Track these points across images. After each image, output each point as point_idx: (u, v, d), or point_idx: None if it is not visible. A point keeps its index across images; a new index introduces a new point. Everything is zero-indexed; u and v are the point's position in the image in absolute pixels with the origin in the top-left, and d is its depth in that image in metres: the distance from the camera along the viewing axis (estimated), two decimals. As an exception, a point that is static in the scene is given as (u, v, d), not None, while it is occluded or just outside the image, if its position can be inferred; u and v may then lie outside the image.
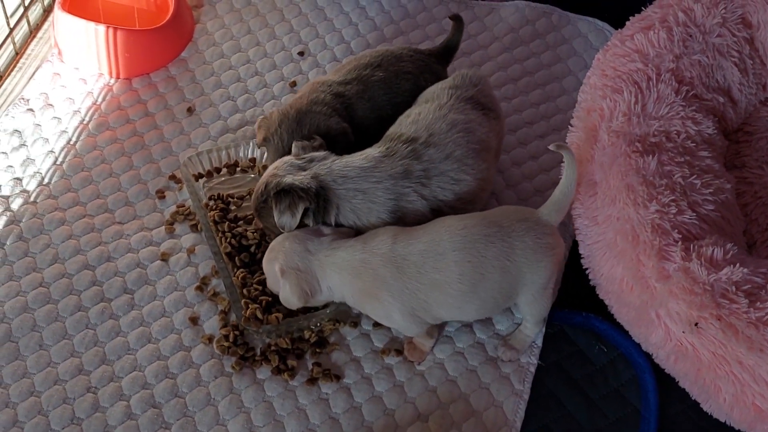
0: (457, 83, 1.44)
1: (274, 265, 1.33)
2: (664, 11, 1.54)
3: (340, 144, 1.43)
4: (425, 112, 1.40)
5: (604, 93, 1.45)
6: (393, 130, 1.41)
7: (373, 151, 1.38)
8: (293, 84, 1.74)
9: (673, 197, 1.32)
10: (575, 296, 1.46)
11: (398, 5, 1.88)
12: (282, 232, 1.36)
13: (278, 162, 1.38)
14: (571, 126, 1.49)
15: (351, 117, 1.48)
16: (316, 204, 1.34)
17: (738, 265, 1.25)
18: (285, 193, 1.33)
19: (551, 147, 1.31)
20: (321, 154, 1.38)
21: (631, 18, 1.57)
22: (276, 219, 1.34)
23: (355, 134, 1.47)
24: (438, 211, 1.37)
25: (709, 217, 1.34)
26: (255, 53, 1.80)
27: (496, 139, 1.44)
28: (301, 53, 1.80)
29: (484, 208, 1.39)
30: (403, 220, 1.35)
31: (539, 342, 1.41)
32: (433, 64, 1.55)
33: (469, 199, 1.38)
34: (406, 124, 1.40)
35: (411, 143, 1.37)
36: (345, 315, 1.43)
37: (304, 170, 1.35)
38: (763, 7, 1.55)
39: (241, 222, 1.51)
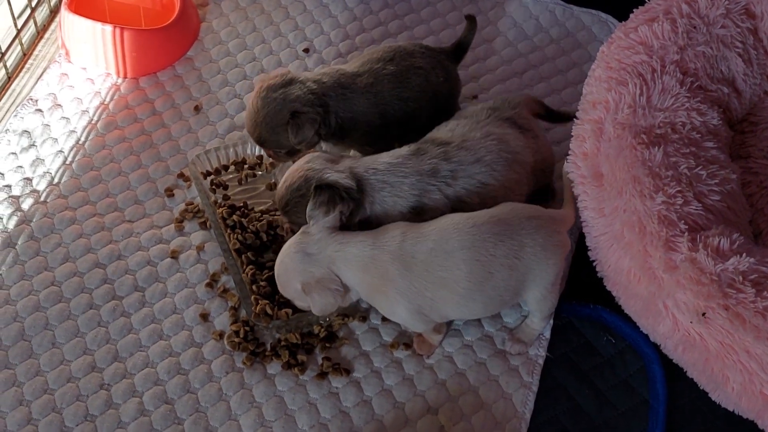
0: (496, 105, 1.47)
1: (292, 286, 1.32)
2: (667, 3, 1.54)
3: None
4: (462, 124, 1.42)
5: (609, 85, 1.46)
6: (430, 135, 1.43)
7: (401, 150, 1.40)
8: (299, 81, 1.75)
9: (679, 188, 1.32)
10: (583, 288, 1.46)
11: (402, 0, 1.89)
12: None
13: (310, 156, 1.39)
14: (577, 119, 1.49)
15: (341, 111, 1.47)
16: (354, 201, 1.33)
17: (744, 254, 1.25)
18: (325, 189, 1.32)
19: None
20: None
21: (635, 10, 1.56)
22: (308, 210, 1.31)
23: (356, 126, 1.49)
24: (457, 211, 1.37)
25: (715, 207, 1.34)
26: (260, 51, 1.80)
27: (533, 157, 1.44)
28: (306, 50, 1.80)
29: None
30: (422, 216, 1.35)
31: (547, 334, 1.42)
32: (444, 61, 1.55)
33: (491, 204, 1.37)
34: (443, 131, 1.42)
35: (444, 146, 1.39)
36: (354, 310, 1.44)
37: (337, 163, 1.37)
38: (767, -2, 1.56)
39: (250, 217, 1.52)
